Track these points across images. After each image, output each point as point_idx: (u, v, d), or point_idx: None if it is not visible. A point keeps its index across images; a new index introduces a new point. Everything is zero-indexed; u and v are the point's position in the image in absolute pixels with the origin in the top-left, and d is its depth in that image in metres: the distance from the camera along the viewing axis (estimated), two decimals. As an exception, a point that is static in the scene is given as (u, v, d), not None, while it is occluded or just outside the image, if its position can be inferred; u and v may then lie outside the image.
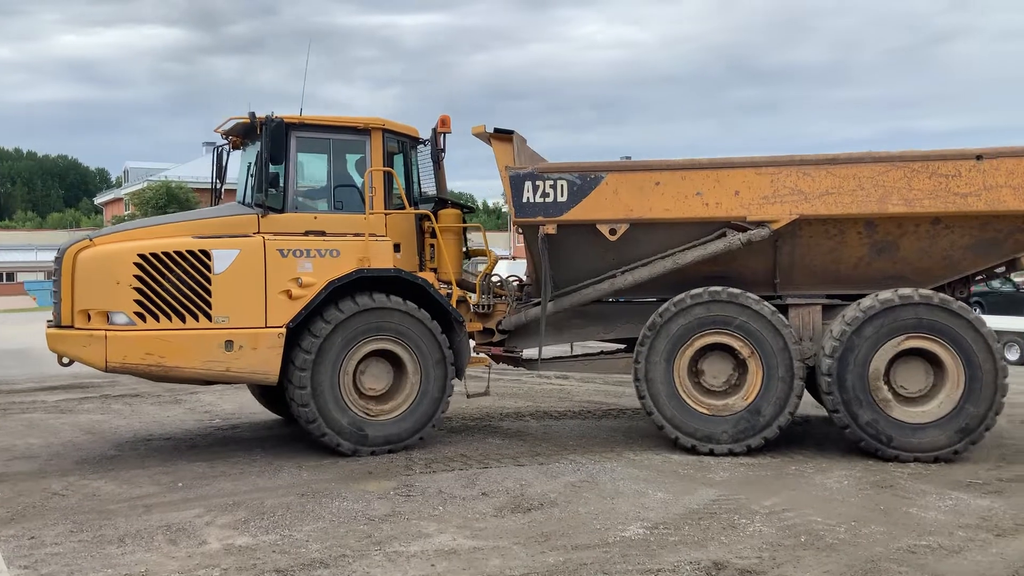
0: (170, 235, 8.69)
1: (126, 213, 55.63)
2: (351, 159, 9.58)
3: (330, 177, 9.37)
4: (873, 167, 8.61)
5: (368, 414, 8.89)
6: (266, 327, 8.57)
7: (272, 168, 8.90)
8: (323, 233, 8.94)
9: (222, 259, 8.50)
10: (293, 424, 10.02)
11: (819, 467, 8.29)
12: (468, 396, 10.38)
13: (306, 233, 8.89)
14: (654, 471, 8.16)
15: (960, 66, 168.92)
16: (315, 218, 9.04)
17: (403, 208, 9.54)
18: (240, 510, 6.97)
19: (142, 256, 8.39)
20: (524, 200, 9.06)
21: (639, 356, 8.93)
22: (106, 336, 8.26)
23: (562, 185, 9.03)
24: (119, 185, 75.13)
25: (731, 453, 8.73)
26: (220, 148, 10.15)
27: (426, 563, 5.73)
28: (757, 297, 8.81)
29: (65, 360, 8.57)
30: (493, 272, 10.19)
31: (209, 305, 8.48)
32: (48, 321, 8.83)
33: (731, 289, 8.82)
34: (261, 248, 8.63)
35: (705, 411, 8.82)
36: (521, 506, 7.01)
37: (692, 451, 8.79)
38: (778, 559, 5.76)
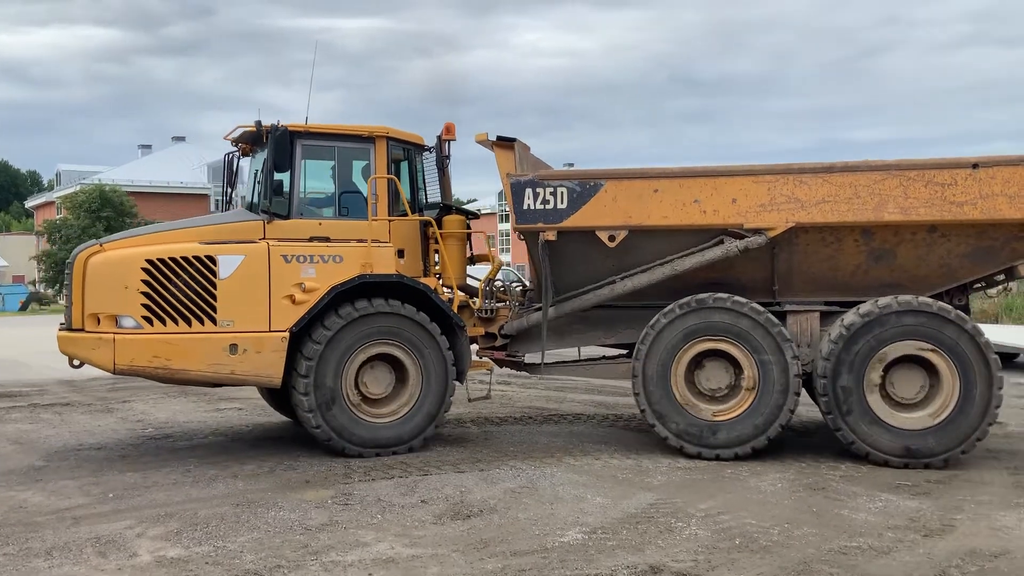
0: (178, 241, 8.89)
1: (58, 217, 54.23)
2: (356, 166, 9.75)
3: (335, 184, 9.60)
4: (869, 175, 8.67)
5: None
6: (270, 331, 8.74)
7: (277, 175, 9.05)
8: (327, 239, 9.12)
9: (227, 264, 8.70)
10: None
11: (754, 470, 8.42)
12: (470, 400, 10.51)
13: (311, 239, 9.07)
14: (593, 476, 8.20)
15: (889, 79, 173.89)
16: (320, 224, 9.26)
17: (406, 215, 9.68)
18: (172, 521, 6.83)
19: (149, 261, 8.61)
20: (524, 207, 9.15)
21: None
22: (114, 339, 8.50)
23: (562, 192, 9.10)
24: (51, 188, 73.25)
25: (665, 440, 8.91)
26: (231, 155, 10.29)
27: (364, 572, 5.68)
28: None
29: (76, 362, 8.78)
30: (496, 277, 10.31)
31: (214, 309, 8.67)
32: (60, 324, 8.97)
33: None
34: (266, 254, 8.81)
35: (679, 400, 8.90)
36: (460, 513, 6.99)
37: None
38: (713, 562, 5.84)
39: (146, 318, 8.56)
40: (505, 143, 9.40)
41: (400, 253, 9.46)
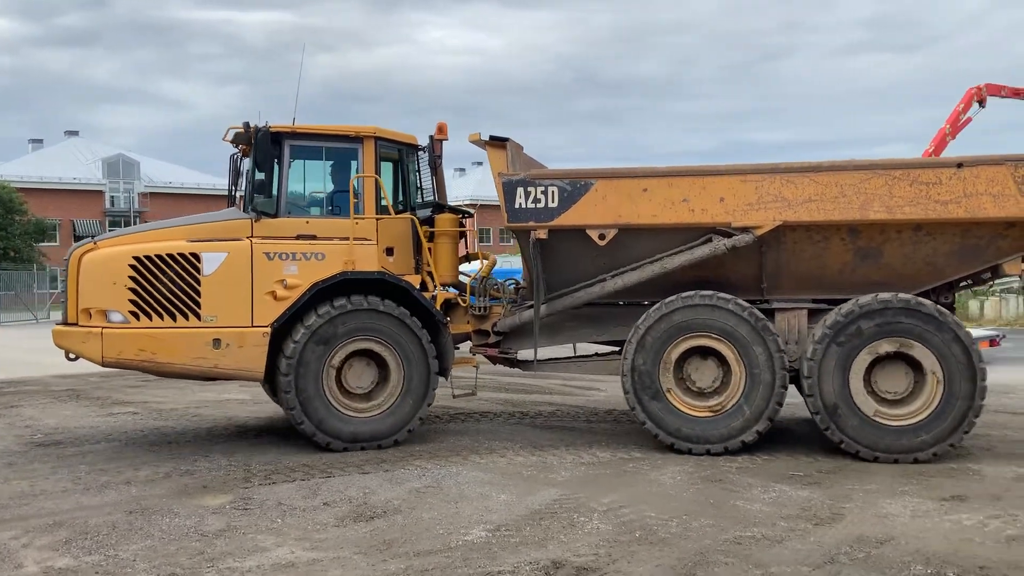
0: (167, 239, 9.17)
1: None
2: (344, 166, 9.88)
3: (324, 184, 9.88)
4: (855, 175, 8.78)
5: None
6: (252, 327, 9.02)
7: (259, 174, 9.26)
8: (314, 237, 9.30)
9: (211, 261, 9.01)
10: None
11: (655, 464, 8.59)
12: (454, 396, 10.52)
13: (297, 237, 9.26)
14: (499, 473, 8.23)
15: (789, 83, 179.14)
16: (307, 223, 9.44)
17: (391, 213, 9.74)
18: (61, 530, 6.56)
19: (137, 258, 8.94)
20: (516, 205, 9.23)
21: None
22: (102, 333, 8.86)
23: (553, 191, 9.19)
24: (-68, 184, 69.46)
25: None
26: (234, 155, 10.45)
27: (262, 577, 5.57)
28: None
29: (72, 356, 9.08)
30: (490, 275, 10.46)
31: (199, 305, 8.98)
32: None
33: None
34: (248, 251, 9.08)
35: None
36: (364, 515, 6.92)
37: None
38: (613, 555, 5.92)
39: (133, 313, 8.89)
40: (497, 142, 9.48)
41: (389, 251, 9.59)
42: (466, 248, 10.76)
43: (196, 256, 8.98)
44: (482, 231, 61.34)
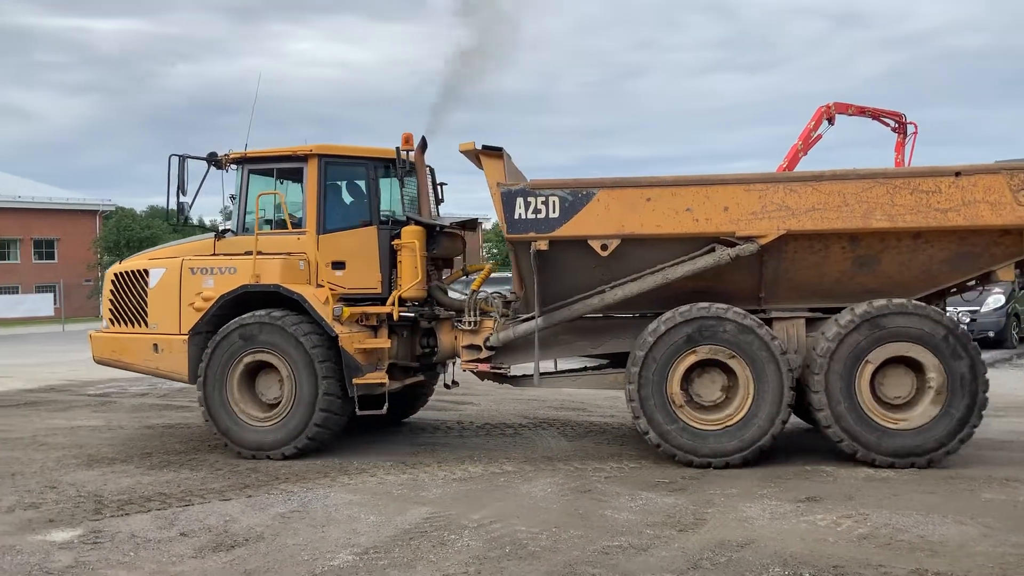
0: (146, 256, 10.71)
1: None
2: (294, 185, 10.50)
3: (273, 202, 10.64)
4: (857, 183, 8.83)
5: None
6: (179, 334, 10.04)
7: (182, 197, 10.07)
8: (261, 252, 9.95)
9: (155, 276, 10.26)
10: None
11: (526, 476, 8.61)
12: (357, 412, 9.96)
13: (245, 253, 9.96)
14: (368, 494, 8.06)
15: (646, 100, 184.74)
16: (256, 239, 10.02)
17: (287, 229, 10.17)
18: None
19: (116, 274, 10.56)
20: (516, 216, 9.11)
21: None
22: (90, 336, 10.74)
23: (554, 201, 9.06)
24: None
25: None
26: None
27: (111, 616, 5.25)
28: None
29: None
30: (480, 289, 10.47)
31: (146, 314, 10.27)
32: None
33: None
34: (179, 267, 10.12)
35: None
36: (224, 544, 6.63)
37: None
38: (483, 572, 5.87)
39: (111, 320, 10.51)
40: (493, 152, 9.27)
41: (338, 265, 10.02)
42: (464, 262, 11.13)
43: (147, 272, 10.25)
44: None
